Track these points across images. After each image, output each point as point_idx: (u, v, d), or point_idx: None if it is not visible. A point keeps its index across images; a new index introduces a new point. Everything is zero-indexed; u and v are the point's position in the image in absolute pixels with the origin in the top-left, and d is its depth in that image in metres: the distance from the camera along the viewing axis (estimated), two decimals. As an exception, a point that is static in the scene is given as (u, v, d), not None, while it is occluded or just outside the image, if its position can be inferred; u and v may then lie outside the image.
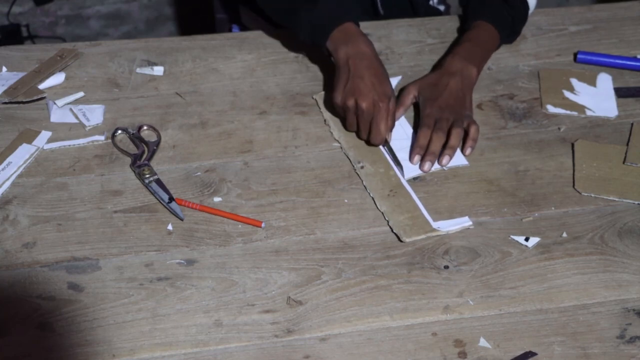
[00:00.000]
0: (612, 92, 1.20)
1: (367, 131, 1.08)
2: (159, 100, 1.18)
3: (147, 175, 1.04)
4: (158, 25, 2.66)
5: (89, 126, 1.12)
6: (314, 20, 1.14)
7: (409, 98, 1.14)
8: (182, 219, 0.98)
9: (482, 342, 0.85)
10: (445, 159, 1.06)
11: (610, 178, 1.04)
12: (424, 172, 1.05)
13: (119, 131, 1.11)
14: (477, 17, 1.22)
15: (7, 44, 1.66)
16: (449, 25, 1.33)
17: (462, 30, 1.27)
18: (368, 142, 1.09)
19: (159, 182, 1.03)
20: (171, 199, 1.00)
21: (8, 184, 1.03)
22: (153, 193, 1.02)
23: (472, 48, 1.18)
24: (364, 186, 1.03)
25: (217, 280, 0.91)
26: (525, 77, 1.23)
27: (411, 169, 1.06)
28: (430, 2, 1.44)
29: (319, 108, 1.15)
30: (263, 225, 0.96)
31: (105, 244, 0.95)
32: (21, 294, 0.89)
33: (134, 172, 1.05)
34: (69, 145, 1.09)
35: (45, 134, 1.10)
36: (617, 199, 1.02)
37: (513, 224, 0.98)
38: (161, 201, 1.00)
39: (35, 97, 1.16)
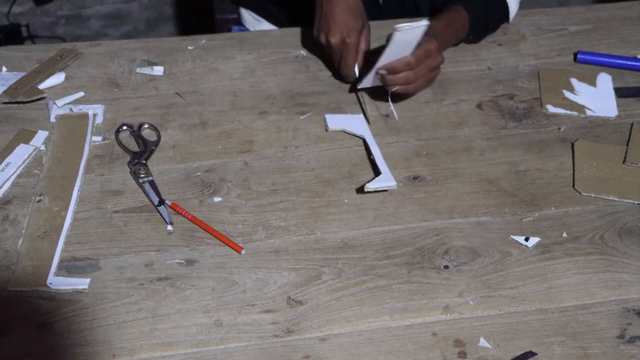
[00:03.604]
0: (612, 92, 1.20)
1: (338, 66, 1.12)
2: (159, 100, 1.18)
3: (142, 175, 1.04)
4: (158, 25, 2.67)
5: (89, 126, 1.12)
6: None
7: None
8: (168, 223, 0.97)
9: (482, 342, 0.85)
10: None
11: (610, 178, 1.04)
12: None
13: (124, 127, 1.11)
14: (458, 3, 1.22)
15: (7, 44, 1.66)
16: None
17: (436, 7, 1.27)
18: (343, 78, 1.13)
19: (152, 183, 1.03)
20: (161, 202, 1.00)
21: (8, 184, 1.03)
22: (146, 194, 1.02)
23: (448, 34, 1.19)
24: (26, 221, 0.97)
25: (217, 280, 0.91)
26: (525, 77, 1.23)
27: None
28: None
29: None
30: (243, 252, 0.94)
31: (105, 244, 0.95)
32: (21, 294, 0.89)
33: (130, 169, 1.05)
34: (69, 145, 1.09)
35: (42, 134, 1.10)
36: (617, 199, 1.02)
37: (513, 224, 0.98)
38: (152, 203, 1.00)
39: (35, 97, 1.16)
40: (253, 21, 1.51)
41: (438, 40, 1.10)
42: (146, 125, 1.12)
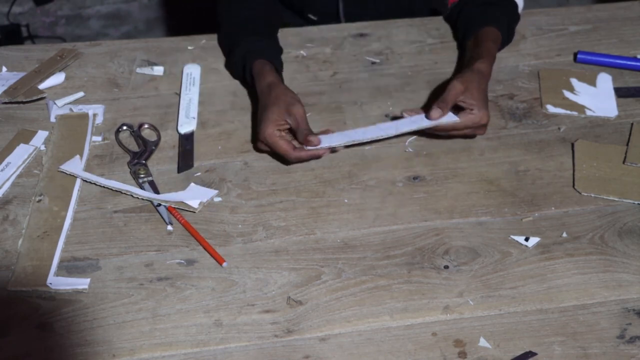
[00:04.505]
0: (612, 92, 1.20)
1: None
2: (159, 100, 1.18)
3: (142, 175, 1.04)
4: (158, 25, 2.67)
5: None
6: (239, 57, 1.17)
7: (454, 98, 1.06)
8: (167, 223, 0.97)
9: (482, 342, 0.85)
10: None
11: (610, 178, 1.04)
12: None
13: (124, 127, 1.11)
14: (490, 23, 1.20)
15: (7, 44, 1.66)
16: (449, 25, 1.33)
17: (465, 30, 1.24)
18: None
19: (152, 183, 1.03)
20: (160, 202, 1.00)
21: (8, 184, 1.03)
22: None
23: (493, 61, 1.16)
24: (26, 221, 0.97)
25: (217, 280, 0.91)
26: (525, 77, 1.23)
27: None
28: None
29: None
30: (225, 264, 0.93)
31: (105, 244, 0.95)
32: (21, 294, 0.89)
33: (130, 169, 1.05)
34: (69, 145, 1.09)
35: (42, 134, 1.10)
36: (617, 199, 1.02)
37: (513, 224, 0.98)
38: (152, 203, 1.00)
39: (35, 97, 1.16)
40: None
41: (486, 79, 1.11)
42: (146, 125, 1.12)
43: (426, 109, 1.07)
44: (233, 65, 1.19)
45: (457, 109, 1.06)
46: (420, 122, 1.06)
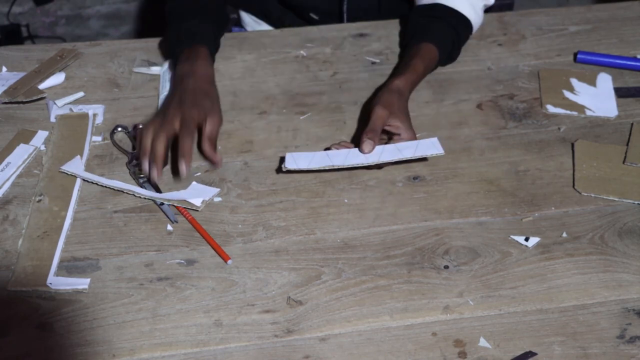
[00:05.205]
0: (612, 92, 1.20)
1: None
2: (159, 101, 1.18)
3: (142, 175, 1.04)
4: (158, 25, 2.67)
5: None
6: (174, 37, 1.17)
7: (381, 125, 1.04)
8: (172, 222, 0.97)
9: (482, 342, 0.85)
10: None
11: (610, 178, 1.04)
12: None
13: (119, 128, 1.11)
14: (426, 39, 1.18)
15: (7, 44, 1.66)
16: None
17: (405, 44, 1.22)
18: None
19: (152, 183, 1.03)
20: (163, 201, 1.00)
21: (8, 184, 1.03)
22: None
23: (416, 78, 1.14)
24: (26, 221, 0.97)
25: (217, 280, 0.91)
26: (525, 77, 1.23)
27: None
28: None
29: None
30: (229, 262, 0.93)
31: (105, 244, 0.95)
32: (21, 294, 0.89)
33: (129, 170, 1.05)
34: (69, 145, 1.09)
35: (42, 134, 1.10)
36: (617, 199, 1.02)
37: (513, 224, 0.98)
38: (155, 202, 1.00)
39: (35, 97, 1.16)
40: (253, 23, 1.51)
41: (403, 96, 1.09)
42: (141, 126, 1.12)
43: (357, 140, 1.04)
44: (173, 35, 1.17)
45: (384, 134, 1.06)
46: (405, 151, 1.02)
